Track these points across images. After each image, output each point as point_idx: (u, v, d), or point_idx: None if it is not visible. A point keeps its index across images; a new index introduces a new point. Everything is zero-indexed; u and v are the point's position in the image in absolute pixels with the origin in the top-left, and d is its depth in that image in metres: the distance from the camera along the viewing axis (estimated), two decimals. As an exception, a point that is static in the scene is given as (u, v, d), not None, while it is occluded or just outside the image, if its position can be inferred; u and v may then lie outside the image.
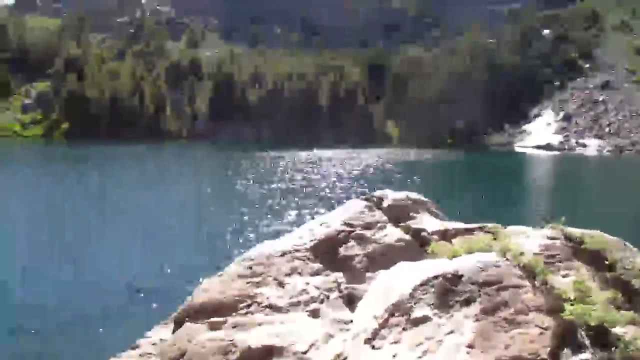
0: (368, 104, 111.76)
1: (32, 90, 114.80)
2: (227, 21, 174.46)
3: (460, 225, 4.11)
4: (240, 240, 19.61)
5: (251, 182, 37.25)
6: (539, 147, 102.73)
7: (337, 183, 37.52)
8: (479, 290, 2.93)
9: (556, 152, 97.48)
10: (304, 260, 3.67)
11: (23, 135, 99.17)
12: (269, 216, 24.99)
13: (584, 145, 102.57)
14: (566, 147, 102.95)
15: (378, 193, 4.42)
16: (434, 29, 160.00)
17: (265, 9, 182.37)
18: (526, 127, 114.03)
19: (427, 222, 4.11)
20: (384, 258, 3.71)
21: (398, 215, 4.18)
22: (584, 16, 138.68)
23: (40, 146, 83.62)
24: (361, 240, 3.83)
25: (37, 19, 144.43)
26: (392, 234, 3.91)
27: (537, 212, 27.11)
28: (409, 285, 3.10)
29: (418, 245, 3.86)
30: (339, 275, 3.63)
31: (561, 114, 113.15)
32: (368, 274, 3.64)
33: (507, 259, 3.08)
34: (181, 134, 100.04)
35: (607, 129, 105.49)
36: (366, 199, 4.41)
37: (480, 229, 3.95)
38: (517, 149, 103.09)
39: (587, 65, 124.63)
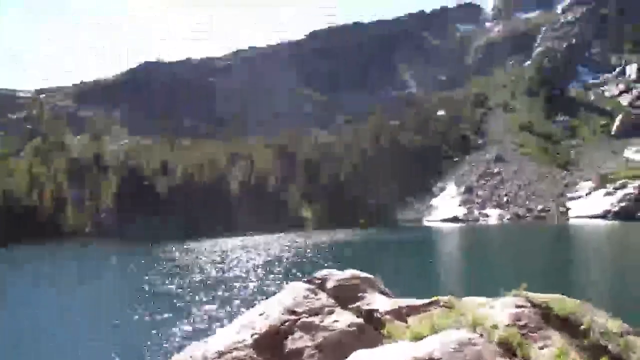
0: (280, 189, 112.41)
1: None
2: (132, 114, 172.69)
3: (413, 301, 3.76)
4: (163, 343, 17.83)
5: (165, 276, 34.89)
6: (445, 220, 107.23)
7: (261, 269, 36.17)
8: (462, 377, 2.56)
9: (462, 224, 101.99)
10: (246, 361, 3.07)
11: None
12: (192, 312, 22.97)
13: (487, 215, 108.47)
14: (470, 218, 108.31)
15: (320, 274, 3.96)
16: (339, 115, 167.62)
17: (171, 101, 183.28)
18: (432, 201, 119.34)
19: (378, 302, 3.70)
20: (338, 347, 3.20)
21: (345, 296, 3.73)
22: (472, 98, 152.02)
23: None
24: (309, 329, 3.29)
25: None
26: (342, 319, 3.42)
27: (465, 281, 27.60)
28: (378, 380, 2.64)
29: (372, 329, 3.42)
30: (288, 375, 3.07)
31: (462, 187, 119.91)
32: (322, 370, 3.11)
33: (480, 335, 2.76)
34: (84, 231, 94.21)
35: (504, 199, 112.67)
36: (307, 281, 3.92)
37: (434, 303, 3.63)
38: (426, 223, 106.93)
39: (480, 142, 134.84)
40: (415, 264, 37.43)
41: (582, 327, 3.05)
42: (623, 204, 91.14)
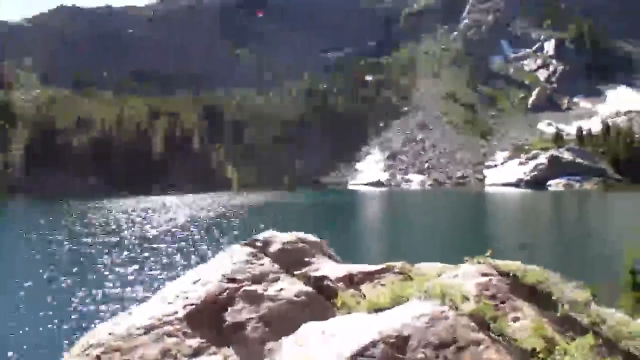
0: (205, 149, 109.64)
1: None
2: (45, 63, 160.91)
3: (365, 267, 3.42)
4: (80, 315, 15.58)
5: (78, 237, 32.72)
6: (369, 184, 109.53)
7: (187, 231, 34.60)
8: (437, 356, 2.24)
9: (384, 188, 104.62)
10: (177, 337, 2.56)
11: None
12: (110, 279, 20.30)
13: (409, 181, 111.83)
14: (393, 183, 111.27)
15: (262, 236, 3.49)
16: (267, 73, 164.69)
17: (89, 51, 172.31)
18: (357, 165, 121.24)
19: (327, 267, 3.31)
20: (285, 320, 2.79)
21: (291, 261, 3.29)
22: (400, 64, 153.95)
23: None
24: (252, 299, 2.83)
25: None
26: (289, 287, 2.98)
27: (402, 245, 27.92)
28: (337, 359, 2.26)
29: (323, 298, 3.04)
30: (228, 353, 2.62)
31: (387, 153, 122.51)
32: (268, 346, 2.68)
33: (450, 307, 2.48)
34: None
35: (426, 165, 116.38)
36: (248, 244, 3.43)
37: (387, 269, 3.31)
38: (351, 187, 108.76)
39: (406, 108, 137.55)
40: (349, 227, 37.57)
41: (553, 297, 2.86)
42: (534, 174, 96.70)
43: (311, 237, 3.63)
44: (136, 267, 22.72)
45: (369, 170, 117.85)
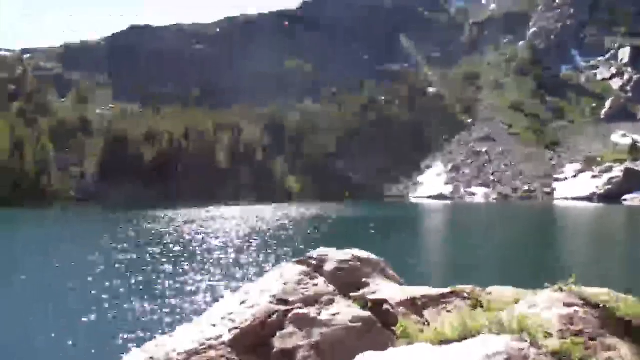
0: (267, 160, 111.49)
1: None
2: (119, 78, 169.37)
3: (429, 290, 3.10)
4: (119, 332, 14.86)
5: (139, 247, 33.47)
6: (431, 197, 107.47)
7: (244, 243, 34.71)
8: (517, 406, 1.94)
9: (447, 201, 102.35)
10: (222, 364, 2.39)
11: None
12: (157, 293, 19.71)
13: (472, 194, 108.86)
14: (456, 196, 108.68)
15: (316, 253, 3.23)
16: (328, 87, 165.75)
17: (158, 67, 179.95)
18: (418, 178, 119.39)
19: (386, 290, 3.01)
20: (339, 348, 2.52)
21: (347, 282, 3.02)
22: (464, 76, 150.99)
23: None
24: (303, 323, 2.58)
25: None
26: (345, 311, 2.71)
27: (472, 264, 26.66)
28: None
29: (382, 325, 2.76)
30: (276, 383, 2.42)
31: (449, 165, 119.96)
32: (320, 377, 2.45)
33: (530, 344, 2.15)
34: (69, 195, 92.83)
35: (491, 178, 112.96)
36: (301, 262, 3.19)
37: (455, 293, 2.99)
38: (412, 199, 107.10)
39: (469, 120, 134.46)
40: (412, 243, 36.17)
41: (655, 335, 2.44)
42: (609, 187, 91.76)
43: (369, 255, 3.35)
44: (194, 280, 22.58)
45: (431, 183, 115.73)
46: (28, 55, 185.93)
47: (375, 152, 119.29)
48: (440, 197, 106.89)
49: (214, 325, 2.52)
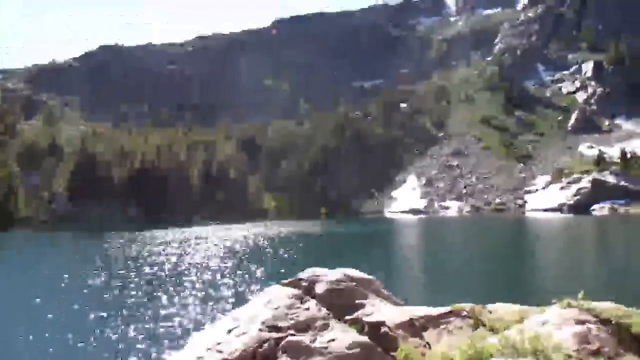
0: (242, 179, 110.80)
1: None
2: (89, 99, 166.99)
3: (427, 310, 2.91)
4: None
5: (112, 270, 32.40)
6: (405, 211, 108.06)
7: (224, 265, 33.76)
8: None
9: (422, 215, 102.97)
10: (210, 402, 2.16)
11: None
12: (135, 323, 18.31)
13: (446, 207, 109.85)
14: (430, 210, 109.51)
15: (306, 274, 3.00)
16: (302, 103, 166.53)
17: (130, 87, 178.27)
18: (393, 193, 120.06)
19: (383, 311, 2.80)
20: None
21: (340, 303, 2.79)
22: (434, 91, 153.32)
23: None
24: (297, 351, 2.35)
25: None
26: (340, 337, 2.48)
27: (457, 280, 26.43)
28: None
29: (381, 350, 2.54)
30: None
31: (423, 180, 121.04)
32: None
33: (548, 368, 1.99)
34: (38, 218, 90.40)
35: (464, 191, 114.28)
36: (290, 284, 2.96)
37: (454, 312, 2.81)
38: (387, 214, 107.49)
39: (441, 134, 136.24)
40: (393, 260, 35.84)
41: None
42: (577, 198, 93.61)
43: (361, 274, 3.15)
44: (172, 305, 21.35)
45: (406, 198, 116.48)
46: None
47: (351, 169, 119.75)
48: (415, 211, 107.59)
49: (200, 357, 2.29)
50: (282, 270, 27.88)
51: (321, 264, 3.59)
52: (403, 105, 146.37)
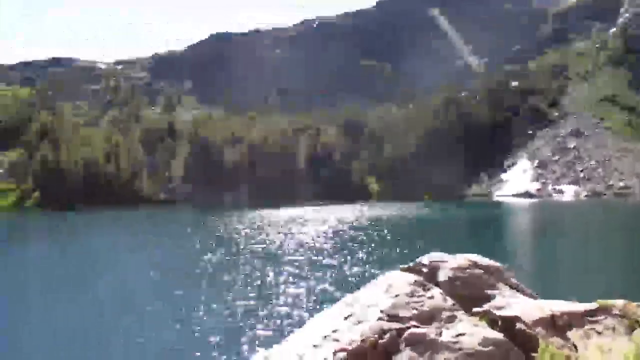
0: (345, 162, 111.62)
1: (4, 159, 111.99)
2: (203, 85, 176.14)
3: (569, 305, 2.55)
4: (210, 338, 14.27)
5: (220, 250, 33.54)
6: (516, 195, 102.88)
7: (334, 246, 32.61)
8: None
9: (534, 200, 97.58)
10: (328, 395, 2.00)
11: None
12: (257, 303, 18.43)
13: (561, 192, 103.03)
14: (543, 193, 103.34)
15: (427, 259, 2.74)
16: (406, 86, 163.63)
17: (239, 72, 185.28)
18: (502, 176, 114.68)
19: (516, 304, 2.50)
20: None
21: (467, 294, 2.52)
22: (549, 68, 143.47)
23: (12, 216, 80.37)
24: (422, 345, 2.12)
25: (9, 89, 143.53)
26: (471, 331, 2.22)
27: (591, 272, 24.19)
28: None
29: (517, 349, 2.25)
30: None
31: (535, 162, 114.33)
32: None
33: None
34: (158, 198, 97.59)
35: (581, 175, 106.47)
36: (410, 270, 2.73)
37: (603, 310, 2.41)
38: (496, 198, 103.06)
39: (556, 114, 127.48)
40: (509, 246, 33.15)
41: None
42: None
43: (489, 261, 2.82)
44: (285, 288, 21.03)
45: (516, 181, 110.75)
46: (120, 66, 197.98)
47: (456, 151, 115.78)
48: (526, 195, 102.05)
49: (316, 346, 2.14)
50: (392, 255, 27.46)
51: (431, 250, 3.32)
52: (514, 83, 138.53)
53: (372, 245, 33.49)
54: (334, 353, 2.12)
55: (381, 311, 2.36)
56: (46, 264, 32.19)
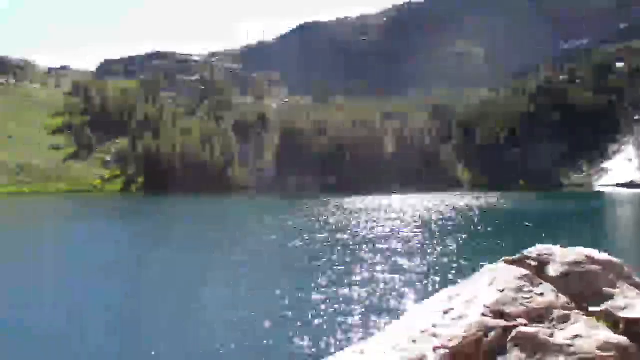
0: (434, 148, 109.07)
1: (111, 147, 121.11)
2: (292, 73, 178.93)
3: None
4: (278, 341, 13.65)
5: (312, 234, 34.12)
6: (620, 185, 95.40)
7: (426, 236, 31.94)
8: None
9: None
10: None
11: (104, 190, 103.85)
12: (348, 293, 17.95)
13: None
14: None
15: (535, 251, 2.52)
16: (497, 69, 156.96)
17: (327, 60, 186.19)
18: (605, 164, 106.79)
19: (638, 304, 2.23)
20: None
21: (581, 291, 2.28)
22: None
23: (118, 199, 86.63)
24: (532, 346, 1.93)
25: (115, 82, 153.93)
26: (588, 333, 1.98)
27: None
28: None
29: (642, 355, 1.99)
30: None
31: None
32: None
33: None
34: (248, 184, 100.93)
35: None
36: (515, 263, 2.51)
37: None
38: (597, 188, 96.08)
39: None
40: (625, 241, 30.24)
41: None
42: None
43: (607, 257, 2.53)
44: (378, 276, 20.64)
45: (620, 170, 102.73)
46: (214, 58, 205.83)
47: (553, 138, 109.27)
48: (631, 185, 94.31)
49: (414, 341, 2.01)
50: (489, 246, 26.28)
51: (530, 242, 3.06)
52: (619, 65, 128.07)
53: (465, 235, 32.32)
54: (434, 349, 1.99)
55: (485, 306, 2.18)
56: (141, 242, 34.53)
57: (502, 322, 2.07)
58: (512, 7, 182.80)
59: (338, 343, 12.68)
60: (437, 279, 19.51)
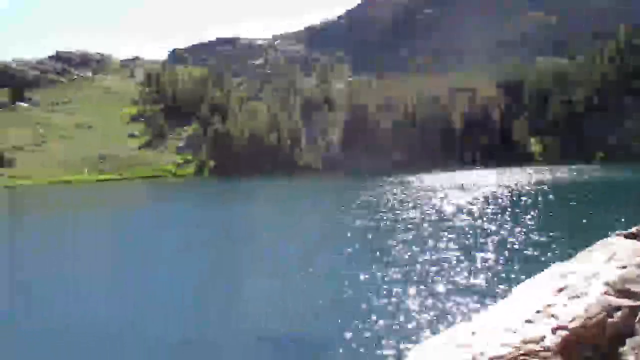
0: (505, 121, 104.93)
1: (183, 133, 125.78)
2: (355, 52, 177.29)
3: None
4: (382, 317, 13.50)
5: (381, 212, 33.80)
6: None
7: (508, 211, 31.02)
8: None
9: None
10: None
11: (177, 175, 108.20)
12: (437, 269, 17.88)
13: None
14: None
15: None
16: (572, 39, 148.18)
17: (390, 36, 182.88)
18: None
19: None
20: None
21: None
22: None
23: (191, 183, 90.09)
24: None
25: (186, 70, 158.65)
26: None
27: None
28: None
29: None
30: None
31: None
32: None
33: None
34: (316, 166, 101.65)
35: None
36: (632, 237, 2.31)
37: None
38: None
39: None
40: None
41: None
42: None
43: None
44: (475, 252, 20.15)
45: None
46: (278, 41, 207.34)
47: (634, 106, 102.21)
48: None
49: (530, 321, 1.86)
50: (578, 223, 24.84)
51: (620, 221, 2.77)
52: None
53: (551, 212, 30.71)
54: (553, 331, 1.84)
55: (606, 284, 2.00)
56: (215, 226, 35.74)
57: (627, 302, 1.88)
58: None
59: (432, 327, 12.38)
60: (537, 257, 18.60)
